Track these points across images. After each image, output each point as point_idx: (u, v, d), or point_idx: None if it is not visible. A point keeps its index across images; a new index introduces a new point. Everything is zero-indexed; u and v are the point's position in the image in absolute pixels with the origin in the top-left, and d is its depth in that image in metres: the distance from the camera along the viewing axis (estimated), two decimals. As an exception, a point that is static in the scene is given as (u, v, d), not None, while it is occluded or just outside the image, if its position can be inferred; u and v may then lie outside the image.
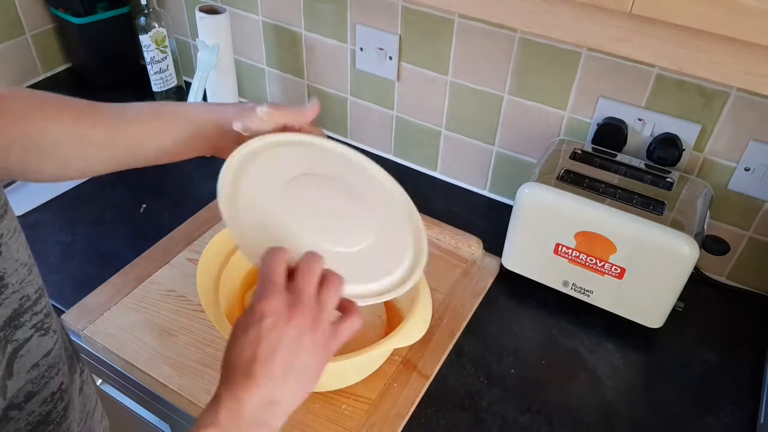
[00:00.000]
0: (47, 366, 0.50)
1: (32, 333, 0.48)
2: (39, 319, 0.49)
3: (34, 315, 0.48)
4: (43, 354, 0.49)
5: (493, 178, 1.09)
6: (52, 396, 0.50)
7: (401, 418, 0.74)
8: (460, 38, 0.97)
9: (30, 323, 0.48)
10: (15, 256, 0.46)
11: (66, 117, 0.61)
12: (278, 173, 0.66)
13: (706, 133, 0.86)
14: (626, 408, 0.78)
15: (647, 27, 0.54)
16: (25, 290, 0.47)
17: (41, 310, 0.49)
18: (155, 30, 1.18)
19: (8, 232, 0.45)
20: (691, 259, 0.76)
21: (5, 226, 0.45)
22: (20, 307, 0.47)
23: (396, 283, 0.63)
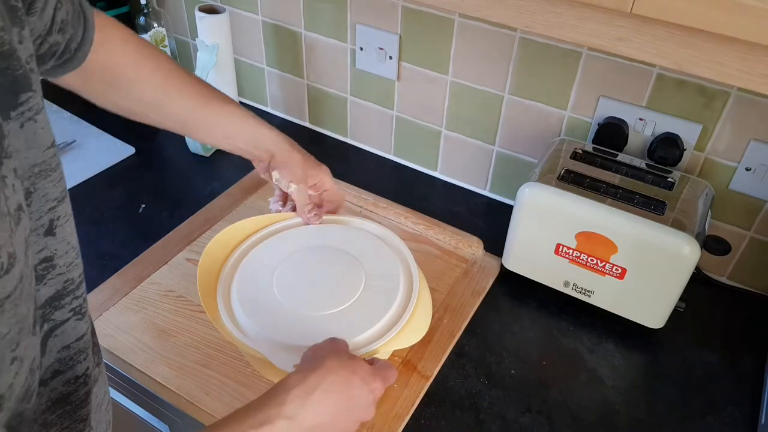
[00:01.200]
0: (77, 350, 0.51)
1: (70, 316, 0.50)
2: (78, 304, 0.50)
3: (74, 299, 0.50)
4: (76, 338, 0.51)
5: (493, 178, 1.09)
6: (76, 379, 0.52)
7: (401, 419, 0.73)
8: (460, 38, 0.97)
9: (69, 306, 0.49)
10: (68, 239, 0.48)
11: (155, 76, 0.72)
12: (264, 266, 0.79)
13: (707, 132, 0.86)
14: (627, 408, 0.77)
15: (648, 26, 0.54)
16: (71, 273, 0.49)
17: (81, 295, 0.51)
18: (155, 30, 1.18)
19: (65, 215, 0.47)
20: (692, 260, 0.76)
21: (63, 209, 0.47)
22: (63, 289, 0.48)
23: (396, 316, 0.74)
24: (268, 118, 1.29)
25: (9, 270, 0.35)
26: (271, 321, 0.72)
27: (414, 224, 0.99)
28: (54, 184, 0.45)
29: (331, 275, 0.79)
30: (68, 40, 0.59)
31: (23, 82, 0.41)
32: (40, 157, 0.43)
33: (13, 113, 0.40)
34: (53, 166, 0.45)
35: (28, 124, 0.42)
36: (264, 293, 0.76)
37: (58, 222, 0.46)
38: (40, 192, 0.44)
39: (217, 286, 0.77)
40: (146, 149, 1.17)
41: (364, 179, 1.10)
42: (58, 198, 0.46)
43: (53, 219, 0.45)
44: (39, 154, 0.43)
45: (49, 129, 0.44)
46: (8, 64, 0.40)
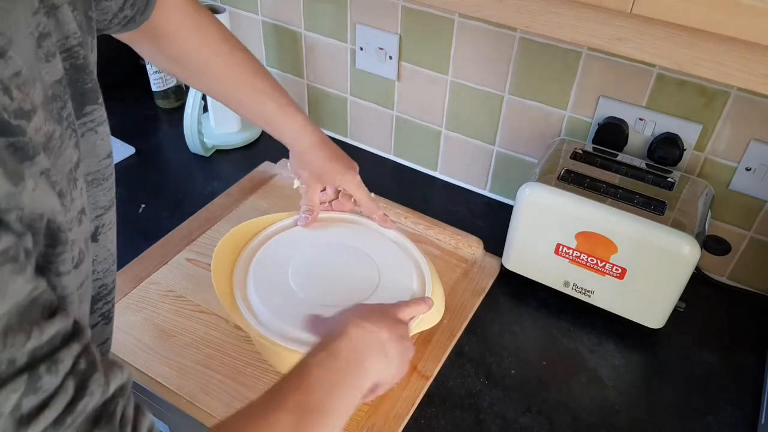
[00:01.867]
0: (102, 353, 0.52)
1: (99, 320, 0.51)
2: (107, 309, 0.51)
3: (105, 304, 0.51)
4: (101, 342, 0.52)
5: (493, 178, 1.09)
6: None
7: (401, 419, 0.73)
8: (460, 38, 0.97)
9: (100, 311, 0.50)
10: (108, 246, 0.49)
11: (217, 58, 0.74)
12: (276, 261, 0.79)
13: (707, 132, 0.86)
14: (627, 408, 0.77)
15: (648, 26, 0.54)
16: (106, 279, 0.50)
17: (111, 300, 0.52)
18: (155, 29, 1.18)
19: (109, 223, 0.48)
20: (692, 259, 0.76)
21: (108, 217, 0.48)
22: (98, 294, 0.49)
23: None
24: (268, 118, 1.29)
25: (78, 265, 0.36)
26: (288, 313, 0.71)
27: (414, 224, 0.99)
28: (104, 193, 0.47)
29: (346, 270, 0.79)
30: (135, 11, 0.61)
31: (91, 95, 0.43)
32: (95, 166, 0.45)
33: (77, 122, 0.41)
34: (106, 175, 0.46)
35: (89, 134, 0.43)
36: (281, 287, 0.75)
37: (102, 229, 0.47)
38: (90, 199, 0.45)
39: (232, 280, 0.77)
40: (146, 149, 1.17)
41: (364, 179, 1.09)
42: (105, 206, 0.47)
43: (98, 226, 0.47)
44: (95, 164, 0.45)
45: (108, 141, 0.46)
46: (80, 77, 0.42)
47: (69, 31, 0.40)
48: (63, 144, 0.36)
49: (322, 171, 0.80)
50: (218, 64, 0.74)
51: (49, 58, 0.36)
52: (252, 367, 0.78)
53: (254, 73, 0.76)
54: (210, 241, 0.94)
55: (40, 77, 0.35)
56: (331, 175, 0.81)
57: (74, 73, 0.41)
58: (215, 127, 1.20)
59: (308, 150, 0.80)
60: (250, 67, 0.76)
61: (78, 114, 0.41)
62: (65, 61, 0.40)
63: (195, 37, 0.71)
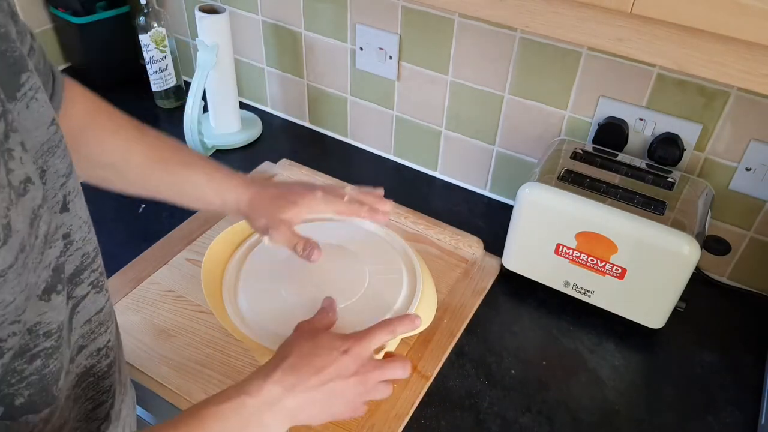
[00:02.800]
0: (98, 322, 0.52)
1: (89, 290, 0.50)
2: (95, 277, 0.51)
3: (92, 272, 0.51)
4: (96, 311, 0.52)
5: (493, 178, 1.09)
6: (98, 351, 0.53)
7: (401, 419, 0.73)
8: (460, 38, 0.97)
9: (88, 280, 0.50)
10: (79, 213, 0.48)
11: (116, 146, 0.69)
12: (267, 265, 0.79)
13: (707, 132, 0.86)
14: (627, 408, 0.77)
15: (648, 26, 0.54)
16: (86, 248, 0.50)
17: (97, 268, 0.51)
18: (155, 29, 1.18)
19: (74, 190, 0.48)
20: (692, 259, 0.76)
21: (72, 184, 0.47)
22: (81, 264, 0.49)
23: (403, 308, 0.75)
24: (268, 118, 1.30)
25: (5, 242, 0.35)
26: (279, 319, 0.72)
27: (414, 224, 0.99)
28: (61, 160, 0.46)
29: (335, 271, 0.79)
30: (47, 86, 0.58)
31: (21, 62, 0.42)
32: (45, 134, 0.44)
33: (18, 94, 0.41)
34: (57, 141, 0.45)
35: (32, 104, 0.42)
36: (270, 290, 0.76)
37: (69, 197, 0.47)
38: (51, 169, 0.45)
39: (221, 285, 0.77)
40: (146, 149, 1.17)
41: (364, 179, 1.09)
42: (65, 173, 0.46)
43: (66, 195, 0.46)
44: (44, 132, 0.44)
45: (49, 106, 0.45)
46: (6, 46, 0.41)
47: None
48: None
49: (278, 207, 0.73)
50: (137, 148, 0.70)
51: None
52: (252, 367, 0.78)
53: (184, 157, 0.73)
54: (210, 241, 0.94)
55: None
56: (288, 208, 0.73)
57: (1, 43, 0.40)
58: (215, 127, 1.20)
59: (255, 198, 0.73)
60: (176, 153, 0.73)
61: (15, 85, 0.41)
62: None
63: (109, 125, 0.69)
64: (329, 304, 0.70)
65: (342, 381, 0.60)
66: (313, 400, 0.58)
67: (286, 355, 0.59)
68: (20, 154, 0.38)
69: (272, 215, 0.72)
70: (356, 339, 0.62)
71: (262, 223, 0.72)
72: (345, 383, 0.60)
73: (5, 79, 0.40)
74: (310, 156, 1.16)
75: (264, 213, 0.72)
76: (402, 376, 0.65)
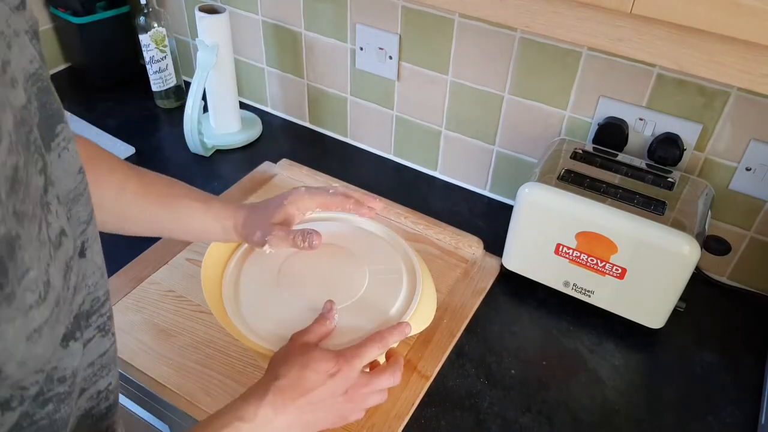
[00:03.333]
0: (100, 365, 0.53)
1: (95, 333, 0.51)
2: (102, 321, 0.51)
3: (100, 317, 0.51)
4: (99, 354, 0.52)
5: (493, 178, 1.09)
6: (98, 394, 0.53)
7: (401, 419, 0.73)
8: (460, 38, 0.97)
9: (95, 324, 0.51)
10: (95, 259, 0.49)
11: (112, 186, 0.69)
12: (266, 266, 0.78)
13: (707, 132, 0.86)
14: (627, 408, 0.77)
15: (648, 26, 0.54)
16: (97, 292, 0.50)
17: (105, 313, 0.52)
18: (155, 29, 1.18)
19: (92, 237, 0.48)
20: (692, 260, 0.76)
21: (91, 230, 0.48)
22: (91, 308, 0.50)
23: (402, 309, 0.75)
24: (268, 118, 1.30)
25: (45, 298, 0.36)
26: (279, 319, 0.72)
27: (414, 224, 0.99)
28: (84, 207, 0.47)
29: (335, 271, 0.79)
30: None
31: (58, 114, 0.43)
32: (73, 182, 0.45)
33: (52, 144, 0.42)
34: (82, 189, 0.46)
35: (64, 153, 0.44)
36: (270, 292, 0.76)
37: (87, 243, 0.48)
38: (74, 218, 0.45)
39: (221, 285, 0.77)
40: (146, 149, 1.17)
41: (364, 179, 1.10)
42: (86, 220, 0.47)
43: (84, 241, 0.47)
44: (72, 180, 0.45)
45: (77, 154, 0.46)
46: (47, 98, 0.42)
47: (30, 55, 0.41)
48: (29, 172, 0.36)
49: (269, 215, 0.75)
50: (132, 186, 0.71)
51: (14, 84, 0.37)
52: (252, 367, 0.78)
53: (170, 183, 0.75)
54: (210, 241, 0.94)
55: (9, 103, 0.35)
56: (278, 211, 0.75)
57: (42, 95, 0.41)
58: (215, 127, 1.20)
59: (248, 216, 0.76)
60: (164, 179, 0.75)
61: (51, 136, 0.42)
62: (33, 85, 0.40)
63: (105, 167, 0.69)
64: (328, 310, 0.70)
65: (331, 399, 0.63)
66: (302, 419, 0.61)
67: (277, 375, 0.61)
68: (56, 207, 0.39)
69: (265, 224, 0.74)
70: (345, 360, 0.63)
71: (259, 236, 0.74)
72: (333, 401, 0.63)
73: (44, 131, 0.41)
74: (310, 156, 1.16)
75: (257, 225, 0.75)
76: (392, 384, 0.68)
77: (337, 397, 0.63)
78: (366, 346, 0.66)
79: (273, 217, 0.75)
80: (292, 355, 0.64)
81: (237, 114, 1.20)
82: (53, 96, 0.43)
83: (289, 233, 0.73)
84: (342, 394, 0.63)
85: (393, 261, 0.81)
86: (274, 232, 0.73)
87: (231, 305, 0.74)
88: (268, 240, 0.73)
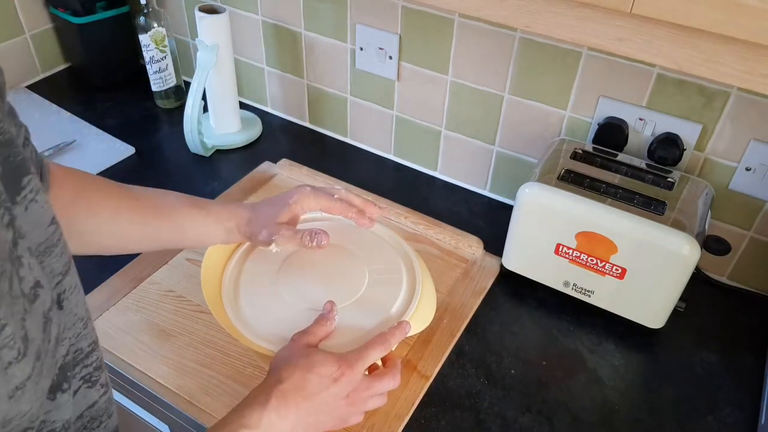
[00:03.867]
0: (90, 417, 0.52)
1: (81, 384, 0.50)
2: (87, 372, 0.51)
3: (84, 368, 0.50)
4: (87, 405, 0.51)
5: (493, 178, 1.09)
6: None
7: (401, 419, 0.73)
8: (460, 38, 0.97)
9: (79, 375, 0.50)
10: (74, 310, 0.48)
11: (107, 210, 0.69)
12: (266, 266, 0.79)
13: (707, 132, 0.86)
14: (627, 408, 0.77)
15: (648, 26, 0.54)
16: (80, 344, 0.49)
17: (91, 363, 0.51)
18: (154, 29, 1.18)
19: (70, 287, 0.47)
20: (692, 260, 0.76)
21: (68, 281, 0.47)
22: (74, 359, 0.49)
23: (402, 308, 0.75)
24: (268, 118, 1.30)
25: (25, 353, 0.35)
26: (279, 319, 0.72)
27: (414, 224, 0.99)
28: (57, 259, 0.46)
29: (335, 271, 0.79)
30: None
31: (23, 166, 0.42)
32: (43, 234, 0.44)
33: (18, 198, 0.41)
34: (55, 241, 0.45)
35: (31, 206, 0.43)
36: (270, 292, 0.76)
37: (64, 295, 0.47)
38: (47, 269, 0.45)
39: (221, 285, 0.77)
40: (146, 149, 1.17)
41: (364, 179, 1.10)
42: (62, 272, 0.46)
43: (60, 293, 0.46)
44: (43, 232, 0.44)
45: (49, 207, 0.45)
46: (9, 152, 0.41)
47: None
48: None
49: (274, 214, 0.75)
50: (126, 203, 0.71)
51: None
52: (252, 367, 0.78)
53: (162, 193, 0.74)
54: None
55: None
56: (283, 210, 0.75)
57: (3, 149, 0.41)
58: (215, 127, 1.20)
59: (252, 216, 0.76)
60: (157, 192, 0.74)
61: (16, 189, 0.41)
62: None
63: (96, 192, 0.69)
64: (328, 311, 0.70)
65: (333, 403, 0.63)
66: (305, 422, 0.62)
67: (280, 378, 0.61)
68: (28, 260, 0.38)
69: (271, 223, 0.74)
70: (348, 363, 0.64)
71: (265, 235, 0.74)
72: (335, 404, 0.63)
73: (9, 185, 0.40)
74: (310, 156, 1.16)
75: (263, 224, 0.74)
76: (392, 388, 0.68)
77: (339, 400, 0.63)
78: (368, 349, 0.66)
79: (279, 216, 0.74)
80: (295, 358, 0.64)
81: (237, 114, 1.20)
82: (17, 149, 0.42)
83: (296, 233, 0.73)
84: (344, 397, 0.63)
85: (393, 261, 0.81)
86: (281, 232, 0.73)
87: (231, 305, 0.74)
88: (275, 239, 0.73)
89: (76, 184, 0.67)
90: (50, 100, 1.26)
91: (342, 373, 0.63)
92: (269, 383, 0.62)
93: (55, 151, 1.13)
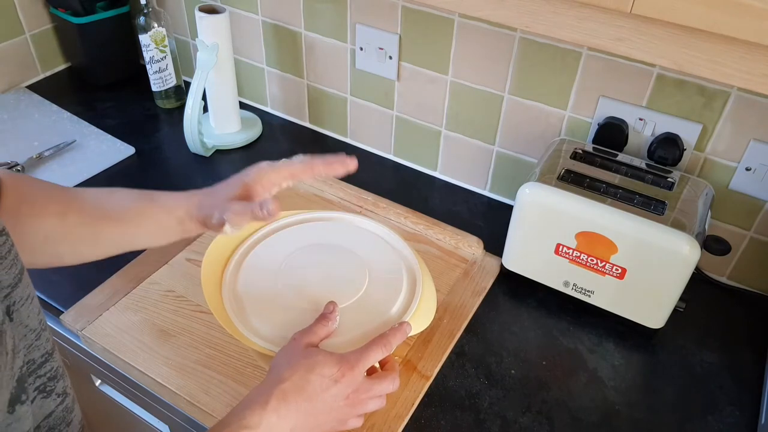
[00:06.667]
0: (48, 427, 0.52)
1: (35, 395, 0.50)
2: (42, 382, 0.50)
3: (37, 378, 0.50)
4: (44, 416, 0.51)
5: (493, 178, 1.09)
6: None
7: (401, 419, 0.73)
8: (460, 38, 0.97)
9: (33, 386, 0.49)
10: (25, 321, 0.47)
11: (53, 215, 0.64)
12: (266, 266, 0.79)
13: (707, 132, 0.86)
14: (627, 408, 0.77)
15: (647, 26, 0.54)
16: (32, 354, 0.49)
17: (45, 374, 0.51)
18: (155, 29, 1.18)
19: (21, 299, 0.47)
20: (692, 260, 0.76)
21: (19, 293, 0.46)
22: (27, 370, 0.49)
23: (403, 308, 0.75)
24: (268, 118, 1.30)
25: None
26: (279, 319, 0.72)
27: (414, 224, 0.99)
28: (7, 271, 0.45)
29: (335, 271, 0.79)
30: None
31: None
32: None
33: None
34: (4, 253, 0.44)
35: None
36: (270, 292, 0.76)
37: (14, 307, 0.46)
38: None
39: (221, 287, 0.77)
40: (146, 149, 1.17)
41: (364, 179, 1.10)
42: (11, 284, 0.45)
43: (9, 305, 0.45)
44: None
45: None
46: None
47: None
48: None
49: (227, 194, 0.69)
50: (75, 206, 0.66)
51: None
52: (252, 367, 0.78)
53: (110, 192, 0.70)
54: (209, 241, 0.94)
55: None
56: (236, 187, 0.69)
57: None
58: (215, 127, 1.20)
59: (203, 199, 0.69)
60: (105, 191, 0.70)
61: None
62: None
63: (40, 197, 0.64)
64: (330, 311, 0.70)
65: (334, 404, 0.63)
66: (305, 422, 0.61)
67: (281, 378, 0.61)
68: None
69: (222, 202, 0.67)
70: (349, 365, 0.63)
71: (216, 217, 0.67)
72: (335, 405, 0.63)
73: None
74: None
75: (214, 206, 0.67)
76: (392, 390, 0.68)
77: (339, 401, 0.63)
78: (369, 350, 0.65)
79: (231, 195, 0.68)
80: (296, 358, 0.63)
81: (237, 114, 1.20)
82: None
83: (246, 206, 0.65)
84: (344, 398, 0.63)
85: (393, 261, 0.81)
86: (232, 208, 0.65)
87: (231, 305, 0.74)
88: (227, 217, 0.65)
89: (20, 190, 0.62)
90: (50, 100, 1.26)
91: (343, 374, 0.62)
92: (269, 383, 0.61)
93: (55, 151, 1.13)
